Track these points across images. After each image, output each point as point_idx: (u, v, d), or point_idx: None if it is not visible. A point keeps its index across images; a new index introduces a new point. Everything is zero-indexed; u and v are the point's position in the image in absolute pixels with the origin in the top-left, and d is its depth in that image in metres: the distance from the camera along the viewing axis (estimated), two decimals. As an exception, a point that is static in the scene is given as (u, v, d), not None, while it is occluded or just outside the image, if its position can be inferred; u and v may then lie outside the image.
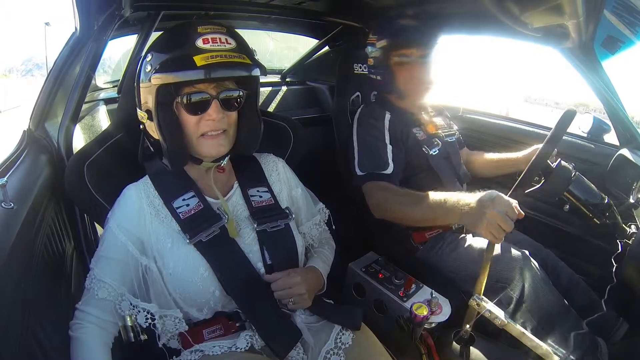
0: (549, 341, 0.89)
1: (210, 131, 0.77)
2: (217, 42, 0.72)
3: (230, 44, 0.74)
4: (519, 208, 0.81)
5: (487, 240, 0.86)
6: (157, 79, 0.72)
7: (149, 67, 0.74)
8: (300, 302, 0.82)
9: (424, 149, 1.25)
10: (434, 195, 0.97)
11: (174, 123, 0.77)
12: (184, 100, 0.75)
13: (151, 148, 0.84)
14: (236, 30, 0.79)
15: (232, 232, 0.81)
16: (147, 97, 0.76)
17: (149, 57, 0.75)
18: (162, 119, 0.75)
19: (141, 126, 0.83)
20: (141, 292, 0.76)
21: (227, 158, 0.85)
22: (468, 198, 0.88)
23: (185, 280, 0.76)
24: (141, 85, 0.78)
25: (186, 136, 0.78)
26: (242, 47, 0.76)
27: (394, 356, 0.88)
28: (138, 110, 0.81)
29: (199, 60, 0.69)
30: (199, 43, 0.72)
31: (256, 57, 0.78)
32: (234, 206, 0.87)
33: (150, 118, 0.77)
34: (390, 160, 1.17)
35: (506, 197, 0.83)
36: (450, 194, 0.94)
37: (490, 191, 0.84)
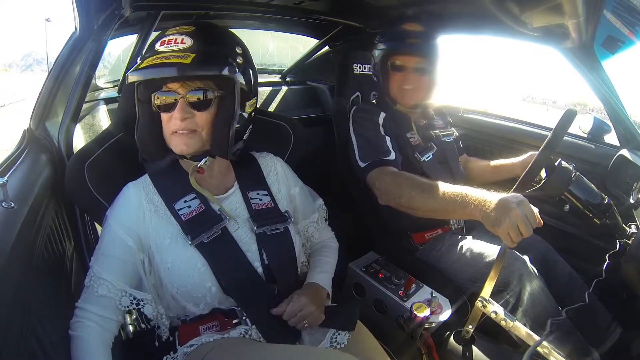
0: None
1: (177, 130, 0.77)
2: (171, 43, 0.74)
3: (185, 43, 0.73)
4: (539, 216, 0.79)
5: (495, 244, 0.85)
6: (128, 77, 0.74)
7: None
8: (313, 319, 0.81)
9: (416, 155, 1.25)
10: (453, 187, 0.93)
11: (152, 119, 0.80)
12: (154, 99, 0.78)
13: None
14: (230, 29, 0.80)
15: (233, 223, 0.83)
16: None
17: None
18: (140, 115, 0.80)
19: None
20: (140, 287, 0.78)
21: (204, 160, 0.80)
22: (492, 195, 0.84)
23: (182, 275, 0.77)
24: None
25: (164, 132, 0.80)
26: (202, 46, 0.73)
27: (394, 356, 0.88)
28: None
29: (147, 61, 0.72)
30: (157, 45, 0.75)
31: (238, 59, 0.77)
32: (233, 206, 0.87)
33: None
34: (390, 148, 1.17)
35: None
36: (471, 188, 0.91)
37: (515, 193, 0.82)
